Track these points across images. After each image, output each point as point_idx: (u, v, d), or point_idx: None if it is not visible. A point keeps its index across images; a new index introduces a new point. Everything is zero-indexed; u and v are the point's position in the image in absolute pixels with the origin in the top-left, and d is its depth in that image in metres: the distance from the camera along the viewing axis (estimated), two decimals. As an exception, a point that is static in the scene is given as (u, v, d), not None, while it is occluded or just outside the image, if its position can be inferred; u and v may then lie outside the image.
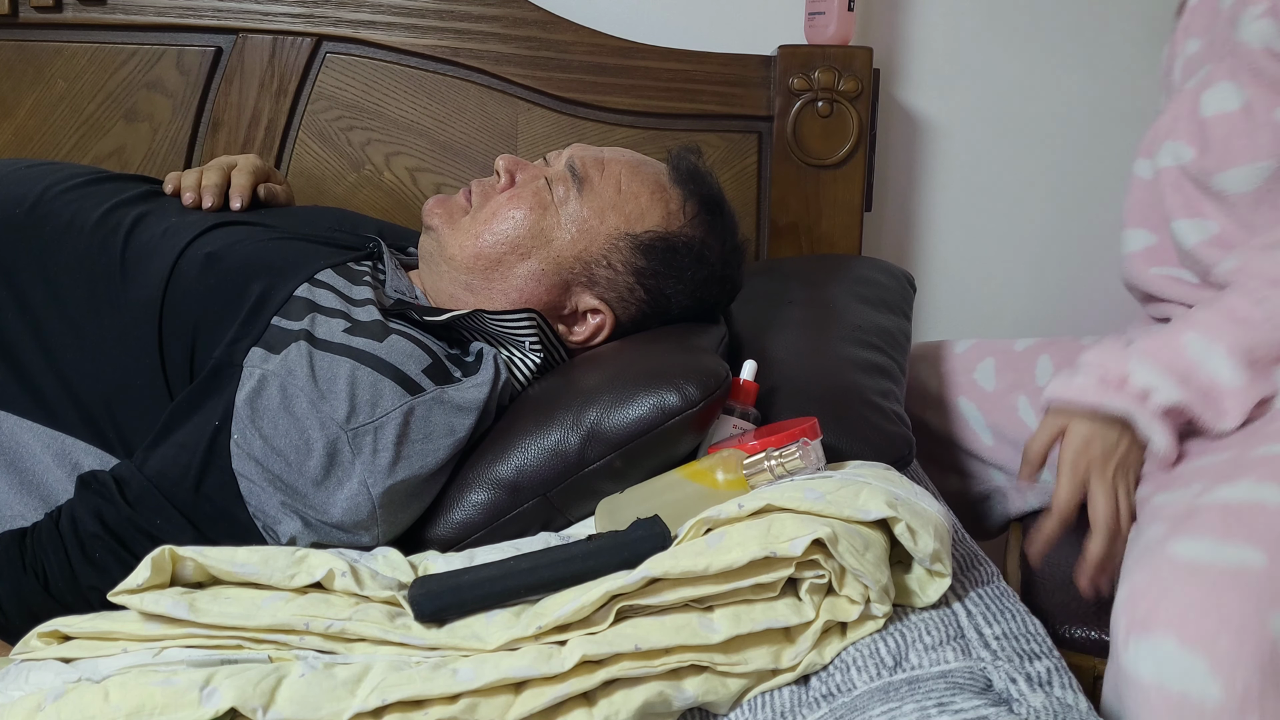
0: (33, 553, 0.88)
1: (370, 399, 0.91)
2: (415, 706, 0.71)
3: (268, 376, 0.90)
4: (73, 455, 0.95)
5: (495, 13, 1.56)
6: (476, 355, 1.02)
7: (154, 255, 1.00)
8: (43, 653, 0.79)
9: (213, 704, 0.69)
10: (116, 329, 0.97)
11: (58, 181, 1.07)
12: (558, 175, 1.08)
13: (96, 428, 0.96)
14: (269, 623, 0.76)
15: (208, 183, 1.13)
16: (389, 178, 1.62)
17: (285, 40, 1.57)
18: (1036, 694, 0.70)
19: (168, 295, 0.97)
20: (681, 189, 1.10)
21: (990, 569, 0.87)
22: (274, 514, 0.89)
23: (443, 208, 1.10)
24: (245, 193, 1.14)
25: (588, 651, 0.72)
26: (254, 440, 0.89)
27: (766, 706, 0.74)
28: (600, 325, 1.09)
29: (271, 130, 1.59)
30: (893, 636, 0.77)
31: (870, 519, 0.78)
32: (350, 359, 0.92)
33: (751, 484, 0.87)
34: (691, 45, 1.60)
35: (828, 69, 1.55)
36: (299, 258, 1.03)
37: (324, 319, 0.96)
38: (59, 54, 1.57)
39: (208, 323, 0.95)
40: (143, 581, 0.78)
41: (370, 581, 0.80)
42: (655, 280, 1.07)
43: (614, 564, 0.78)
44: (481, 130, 1.60)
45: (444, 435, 0.94)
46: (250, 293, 0.97)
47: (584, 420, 0.93)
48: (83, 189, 1.08)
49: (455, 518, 0.94)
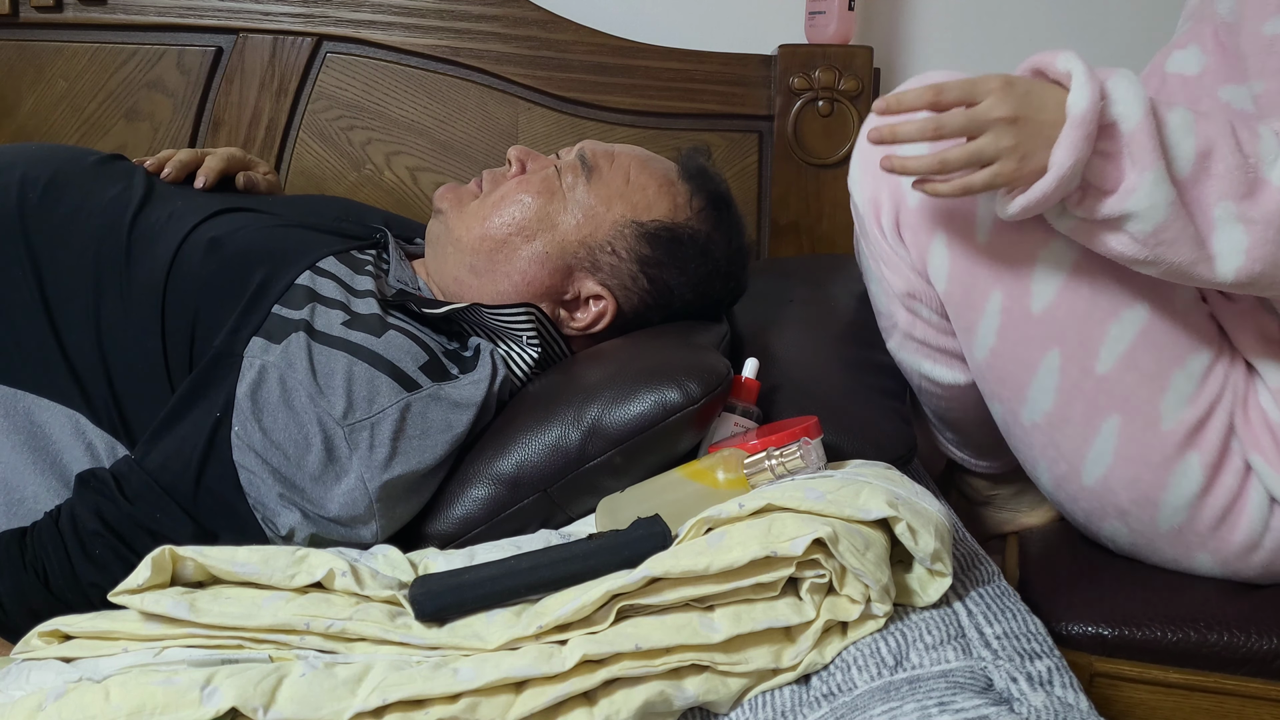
0: (33, 551, 0.88)
1: (367, 395, 0.91)
2: (416, 706, 0.70)
3: (268, 368, 0.90)
4: (86, 434, 0.95)
5: (495, 12, 1.57)
6: (475, 351, 1.02)
7: (158, 239, 1.00)
8: (43, 652, 0.79)
9: (213, 703, 0.69)
10: (121, 313, 0.97)
11: (69, 162, 1.07)
12: (568, 164, 1.09)
13: (104, 411, 0.96)
14: (270, 622, 0.76)
15: (176, 159, 1.14)
16: (389, 177, 1.62)
17: (286, 40, 1.57)
18: (1037, 693, 0.70)
19: (170, 280, 0.97)
20: (690, 184, 1.11)
21: (991, 568, 0.87)
22: (273, 506, 0.90)
23: (453, 193, 1.11)
24: (212, 175, 1.13)
25: (588, 651, 0.72)
26: (254, 433, 0.89)
27: (767, 706, 0.74)
28: (602, 312, 1.09)
29: (272, 130, 1.59)
30: (893, 636, 0.77)
31: (871, 518, 0.78)
32: (347, 354, 0.92)
33: (752, 483, 0.87)
34: (692, 45, 1.60)
35: (828, 68, 1.55)
36: (302, 245, 1.03)
37: (324, 310, 0.96)
38: (59, 54, 1.57)
39: (208, 308, 0.96)
40: (143, 581, 0.78)
41: (371, 581, 0.80)
42: (659, 270, 1.08)
43: (615, 563, 0.78)
44: (482, 130, 1.60)
45: (441, 431, 0.94)
46: (252, 279, 0.97)
47: (585, 416, 0.93)
48: (95, 169, 1.08)
49: (455, 513, 0.94)
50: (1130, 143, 0.82)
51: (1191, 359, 0.94)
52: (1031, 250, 0.92)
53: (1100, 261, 0.91)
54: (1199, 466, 0.95)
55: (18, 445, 0.94)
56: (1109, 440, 0.95)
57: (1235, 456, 0.95)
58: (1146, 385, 0.93)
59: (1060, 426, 0.97)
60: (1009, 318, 0.94)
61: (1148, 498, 0.97)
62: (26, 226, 1.00)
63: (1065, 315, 0.93)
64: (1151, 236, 0.84)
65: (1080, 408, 0.95)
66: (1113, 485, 0.97)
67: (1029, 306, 0.93)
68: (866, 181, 1.00)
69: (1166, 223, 0.83)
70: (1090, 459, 0.97)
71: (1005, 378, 0.97)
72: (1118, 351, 0.93)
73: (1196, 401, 0.94)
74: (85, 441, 0.95)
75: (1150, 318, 0.93)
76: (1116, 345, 0.93)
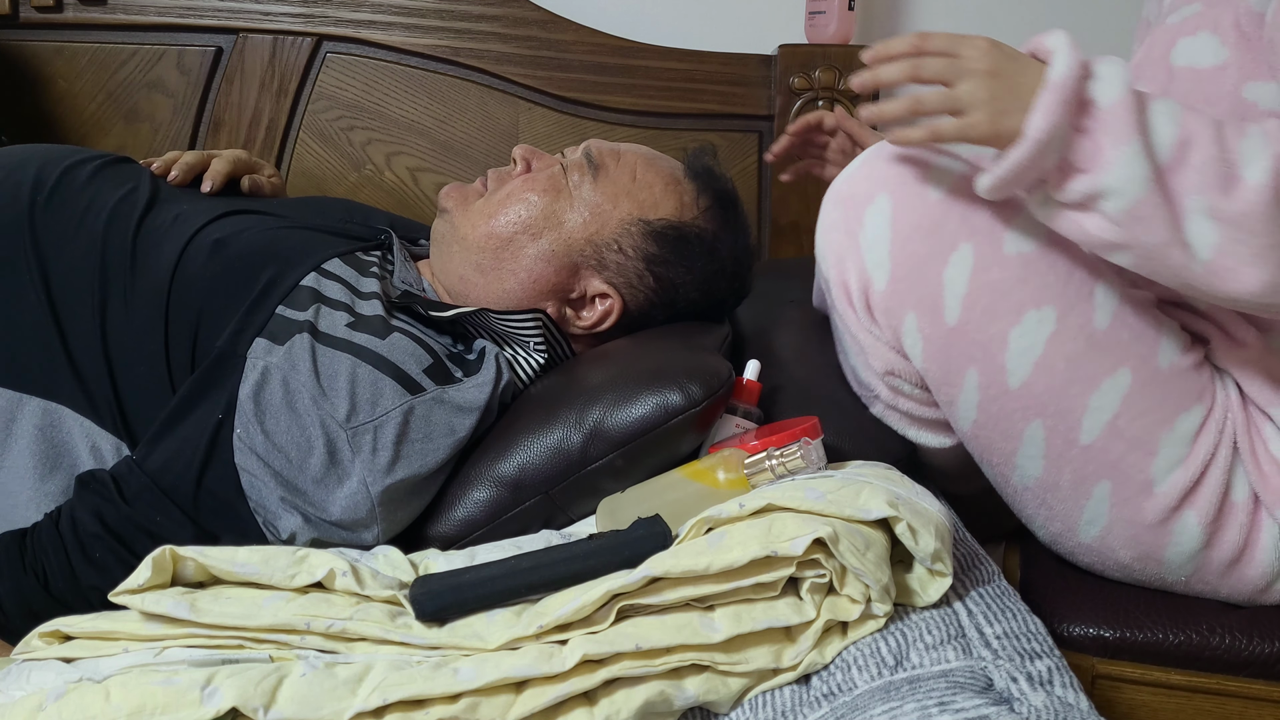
0: (33, 553, 0.88)
1: (370, 397, 0.91)
2: (416, 706, 0.70)
3: (271, 370, 0.90)
4: (91, 436, 0.95)
5: (495, 12, 1.57)
6: (479, 354, 1.02)
7: (164, 241, 1.00)
8: (44, 652, 0.79)
9: (214, 703, 0.69)
10: (125, 315, 0.97)
11: (77, 165, 1.07)
12: (574, 163, 1.09)
13: (107, 413, 0.95)
14: (270, 622, 0.76)
15: (183, 161, 1.13)
16: (390, 177, 1.62)
17: (285, 40, 1.57)
18: (1038, 693, 0.70)
19: (175, 281, 0.97)
20: (696, 183, 1.11)
21: (991, 568, 0.87)
22: (274, 509, 0.89)
23: (458, 192, 1.11)
24: (218, 178, 1.13)
25: (589, 651, 0.72)
26: (256, 435, 0.89)
27: (767, 706, 0.74)
28: (608, 311, 1.09)
29: (272, 130, 1.59)
30: (894, 636, 0.77)
31: (871, 518, 0.78)
32: (351, 355, 0.92)
33: (752, 483, 0.87)
34: (692, 45, 1.60)
35: (828, 68, 1.55)
36: (307, 247, 1.03)
37: (328, 311, 0.96)
38: (59, 54, 1.57)
39: (212, 310, 0.95)
40: (144, 581, 0.78)
41: (371, 581, 0.80)
42: (665, 268, 1.08)
43: (615, 563, 0.78)
44: (482, 130, 1.60)
45: (444, 435, 0.94)
46: (256, 281, 0.97)
47: (587, 418, 0.93)
48: (102, 171, 1.08)
49: (457, 515, 0.94)
50: (1109, 117, 0.80)
51: (1180, 420, 0.91)
52: (1003, 329, 0.90)
53: (1076, 332, 0.89)
54: (1197, 525, 0.92)
55: (21, 450, 0.94)
56: (1102, 504, 0.93)
57: (1239, 512, 0.92)
58: (1134, 451, 0.91)
59: (1051, 490, 0.95)
60: (987, 394, 0.92)
61: (1149, 555, 0.95)
62: (35, 227, 1.00)
63: (1043, 390, 0.90)
64: (1127, 215, 0.81)
65: (1069, 475, 0.93)
66: (1111, 544, 0.95)
67: (1006, 383, 0.91)
68: (831, 257, 0.96)
69: (1143, 199, 0.79)
70: (1085, 521, 0.95)
71: (991, 447, 0.95)
72: (1101, 421, 0.90)
73: (1189, 464, 0.91)
74: (90, 444, 0.95)
75: (1132, 384, 0.90)
76: (1099, 415, 0.90)
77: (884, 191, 0.90)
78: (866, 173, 0.92)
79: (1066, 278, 0.90)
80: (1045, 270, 0.90)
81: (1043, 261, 0.90)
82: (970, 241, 0.89)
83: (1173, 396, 0.91)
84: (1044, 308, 0.89)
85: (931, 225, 0.89)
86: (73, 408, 0.95)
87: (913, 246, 0.90)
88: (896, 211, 0.90)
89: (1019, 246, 0.90)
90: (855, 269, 0.93)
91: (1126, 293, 0.92)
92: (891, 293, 0.91)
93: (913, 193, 0.90)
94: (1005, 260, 0.89)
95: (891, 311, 0.92)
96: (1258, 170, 0.78)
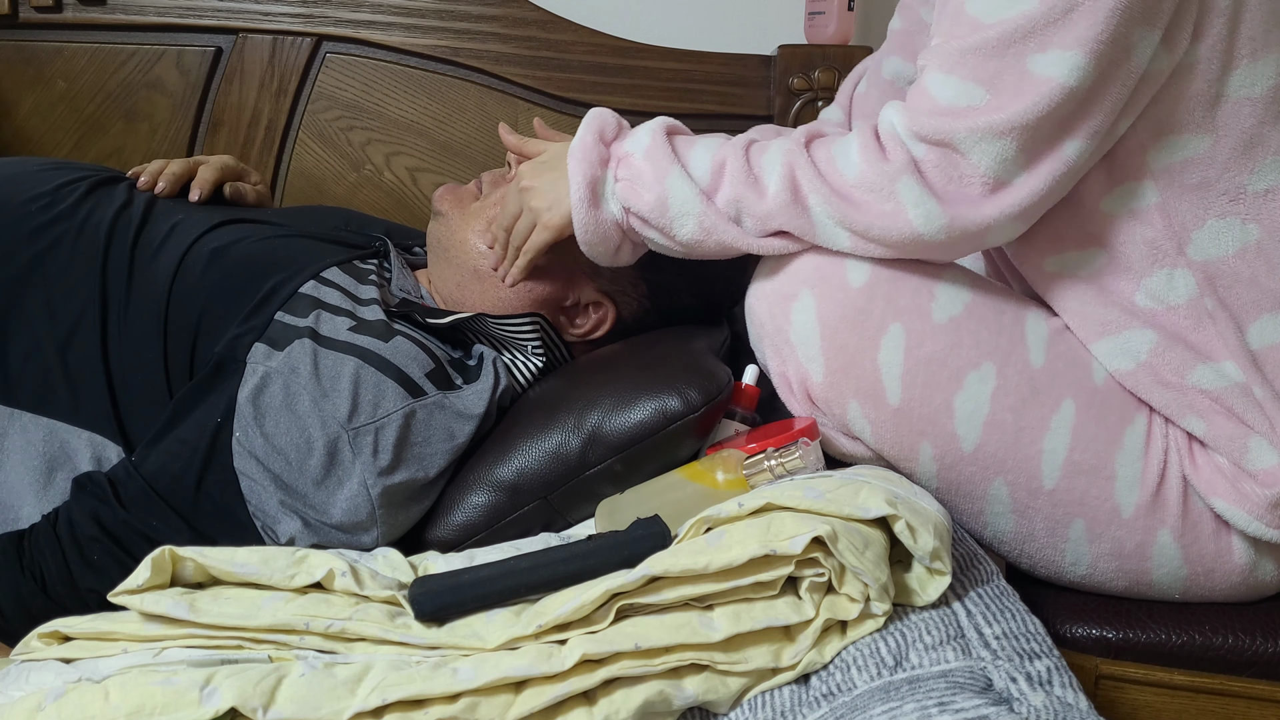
0: (30, 555, 0.88)
1: (373, 399, 0.91)
2: (416, 706, 0.70)
3: (270, 374, 0.90)
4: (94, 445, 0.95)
5: (495, 12, 1.57)
6: (478, 359, 1.02)
7: (162, 251, 1.00)
8: (43, 653, 0.79)
9: (213, 704, 0.69)
10: (124, 326, 0.97)
11: (72, 180, 1.07)
12: None
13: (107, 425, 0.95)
14: (269, 623, 0.76)
15: (169, 171, 1.12)
16: (389, 178, 1.62)
17: (285, 40, 1.57)
18: (1037, 693, 0.70)
19: (173, 290, 0.97)
20: None
21: (990, 568, 0.87)
22: (273, 513, 0.89)
23: (453, 194, 1.11)
24: (206, 186, 1.12)
25: (588, 650, 0.72)
26: (256, 439, 0.89)
27: (767, 705, 0.74)
28: (602, 319, 1.09)
29: (271, 130, 1.59)
30: (893, 636, 0.77)
31: (870, 517, 0.78)
32: (355, 357, 0.92)
33: (751, 484, 0.87)
34: (691, 45, 1.60)
35: (828, 69, 1.55)
36: (305, 255, 1.03)
37: (329, 316, 0.96)
38: (59, 54, 1.57)
39: (210, 318, 0.95)
40: (143, 582, 0.78)
41: (370, 581, 0.80)
42: (658, 275, 1.07)
43: (614, 563, 0.78)
44: (481, 130, 1.60)
45: (444, 440, 0.94)
46: (255, 288, 0.97)
47: (585, 423, 0.93)
48: (98, 189, 1.08)
49: (456, 519, 0.94)
50: (647, 159, 0.91)
51: (1128, 435, 0.92)
52: (947, 399, 0.90)
53: (1018, 379, 0.90)
54: (1173, 544, 0.93)
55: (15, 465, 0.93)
56: (1080, 544, 0.94)
57: (1205, 521, 0.93)
58: (1096, 483, 0.92)
59: (1028, 541, 0.96)
60: (943, 464, 0.92)
61: (1139, 581, 0.96)
62: (34, 241, 0.99)
63: (997, 447, 0.91)
64: (699, 227, 0.91)
65: (1041, 523, 0.94)
66: (1099, 580, 0.96)
67: (960, 449, 0.91)
68: (768, 351, 0.96)
69: (703, 211, 0.90)
70: (1069, 564, 0.96)
71: (960, 508, 0.96)
72: (1058, 462, 0.91)
73: (1145, 479, 0.92)
74: (91, 451, 0.95)
75: (1077, 412, 0.91)
76: (1055, 457, 0.91)
77: (805, 288, 0.91)
78: (787, 269, 0.93)
79: (997, 328, 0.91)
80: (976, 327, 0.91)
81: (972, 320, 0.91)
82: (898, 320, 0.90)
83: (1114, 411, 0.92)
84: (982, 366, 0.90)
85: (856, 314, 0.90)
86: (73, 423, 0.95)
87: (842, 338, 0.90)
88: (821, 306, 0.90)
89: (948, 311, 0.90)
90: (792, 364, 0.93)
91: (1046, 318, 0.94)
92: (830, 384, 0.92)
93: (834, 285, 0.90)
94: (937, 330, 0.90)
95: (833, 402, 0.93)
96: (774, 179, 0.89)
